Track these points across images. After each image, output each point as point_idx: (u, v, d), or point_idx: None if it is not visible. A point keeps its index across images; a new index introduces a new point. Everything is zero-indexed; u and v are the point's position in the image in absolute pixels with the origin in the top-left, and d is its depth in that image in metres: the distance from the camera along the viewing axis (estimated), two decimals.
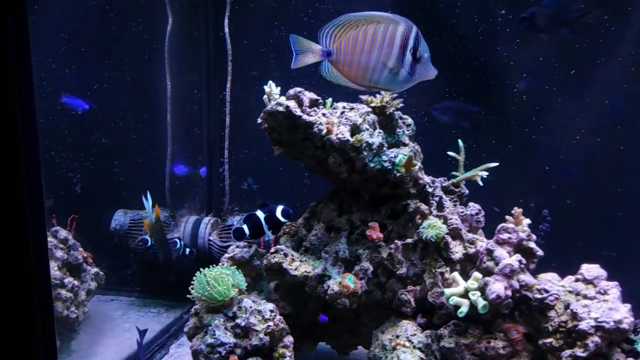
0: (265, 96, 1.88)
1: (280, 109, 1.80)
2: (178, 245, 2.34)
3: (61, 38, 2.57)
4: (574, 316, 1.61)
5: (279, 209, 1.85)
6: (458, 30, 2.34)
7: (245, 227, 1.86)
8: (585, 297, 1.67)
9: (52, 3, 2.52)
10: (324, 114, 1.83)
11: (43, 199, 0.86)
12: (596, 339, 1.57)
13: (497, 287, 1.65)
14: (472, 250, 1.82)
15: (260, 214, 1.86)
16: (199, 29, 2.53)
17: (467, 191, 1.98)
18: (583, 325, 1.58)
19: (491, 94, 2.35)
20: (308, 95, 1.89)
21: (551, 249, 2.33)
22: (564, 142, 2.30)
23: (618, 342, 1.62)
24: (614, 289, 1.66)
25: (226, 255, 2.03)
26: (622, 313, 1.59)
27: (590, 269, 1.72)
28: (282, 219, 1.86)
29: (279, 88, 1.87)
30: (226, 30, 2.47)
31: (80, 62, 2.58)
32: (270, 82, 1.86)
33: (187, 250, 2.38)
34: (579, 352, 1.58)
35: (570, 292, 1.70)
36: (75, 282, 2.19)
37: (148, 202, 2.13)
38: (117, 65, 2.56)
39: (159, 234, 2.23)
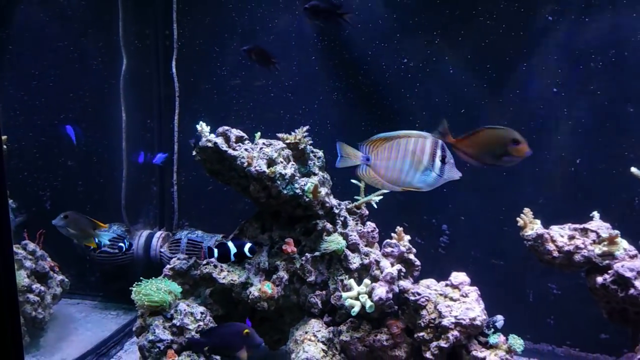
0: (197, 133, 2.20)
1: (210, 144, 2.14)
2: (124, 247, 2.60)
3: (32, 74, 2.89)
4: (440, 314, 1.97)
5: (247, 246, 2.09)
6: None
7: (216, 250, 2.10)
8: (451, 299, 2.03)
9: (29, 46, 2.86)
10: (246, 149, 2.17)
11: (8, 216, 1.16)
12: (456, 332, 1.93)
13: (380, 291, 2.01)
14: (366, 261, 2.18)
15: (231, 246, 2.10)
16: (150, 68, 2.86)
17: (367, 212, 2.34)
18: (445, 322, 1.94)
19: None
20: (234, 133, 2.22)
21: (450, 257, 2.71)
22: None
23: (475, 335, 1.99)
24: (473, 293, 2.03)
25: (168, 266, 2.35)
26: (476, 312, 1.95)
27: (457, 276, 2.09)
28: (248, 254, 2.10)
29: (209, 127, 2.19)
30: (174, 70, 2.81)
31: (48, 94, 2.90)
32: (201, 122, 2.18)
33: (126, 243, 2.63)
34: (443, 343, 1.94)
35: (440, 294, 2.07)
36: (42, 288, 2.50)
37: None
38: (80, 98, 2.88)
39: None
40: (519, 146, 1.49)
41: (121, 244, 2.58)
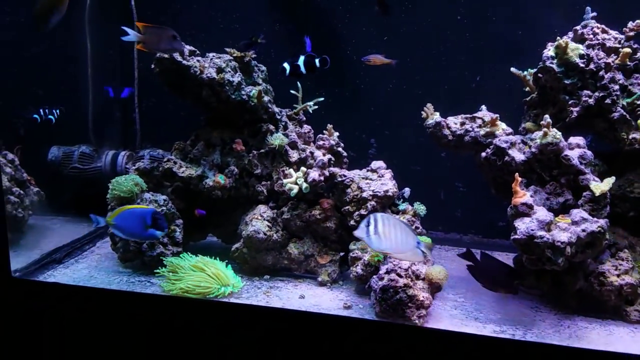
0: None
1: (166, 56, 2.38)
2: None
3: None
4: (361, 190, 2.31)
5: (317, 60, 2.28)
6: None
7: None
8: (370, 179, 2.37)
9: None
10: (198, 60, 2.42)
11: None
12: (373, 202, 2.27)
13: (314, 174, 2.33)
14: (304, 155, 2.47)
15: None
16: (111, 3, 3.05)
17: (304, 117, 2.64)
18: (364, 194, 2.27)
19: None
20: (188, 47, 2.46)
21: None
22: (380, 90, 2.98)
23: (389, 205, 2.34)
24: (388, 174, 2.37)
25: (132, 167, 2.59)
26: (389, 186, 2.29)
27: (376, 163, 2.42)
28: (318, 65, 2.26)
29: None
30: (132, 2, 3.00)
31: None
32: None
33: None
34: (363, 211, 2.27)
35: (363, 178, 2.39)
36: (22, 192, 2.69)
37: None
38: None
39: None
40: None
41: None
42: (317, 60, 2.28)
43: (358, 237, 1.80)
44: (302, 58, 2.26)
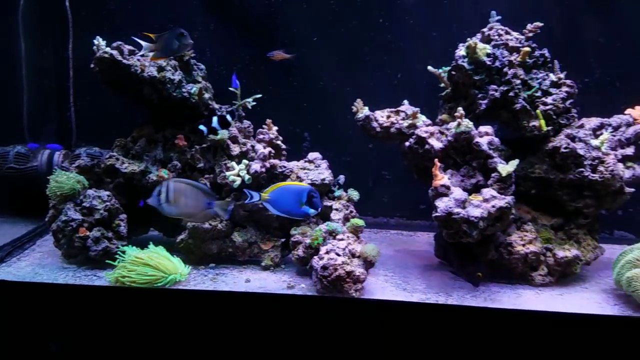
0: (94, 47, 2.45)
1: (106, 55, 2.41)
2: None
3: None
4: (300, 179, 2.47)
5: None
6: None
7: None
8: (308, 169, 2.53)
9: None
10: (138, 59, 2.47)
11: None
12: None
13: (256, 166, 2.45)
14: (244, 149, 2.59)
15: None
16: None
17: (243, 113, 2.75)
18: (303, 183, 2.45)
19: None
20: (127, 47, 2.50)
21: None
22: (312, 88, 3.16)
23: (326, 193, 2.52)
24: (324, 164, 2.55)
25: (73, 165, 2.58)
26: (325, 175, 2.46)
27: (313, 154, 2.59)
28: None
29: (104, 42, 2.45)
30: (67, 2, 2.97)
31: None
32: (97, 37, 2.42)
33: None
34: None
35: (301, 168, 2.54)
36: None
37: None
38: None
39: None
40: None
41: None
42: (228, 117, 2.40)
43: (152, 205, 2.00)
44: (215, 119, 2.37)
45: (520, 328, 2.00)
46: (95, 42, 2.42)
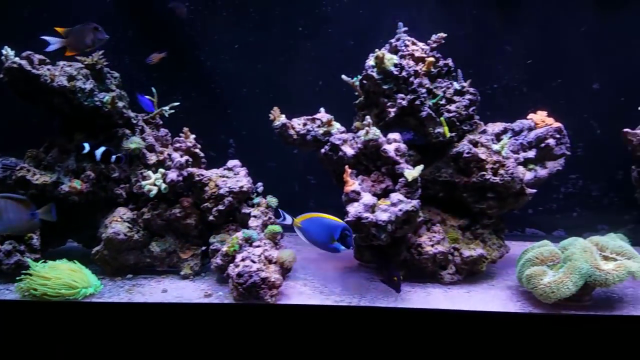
0: (3, 57, 2.35)
1: (15, 65, 2.32)
2: None
3: None
4: (218, 187, 2.47)
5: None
6: None
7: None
8: (227, 177, 2.53)
9: None
10: (48, 69, 2.40)
11: None
12: (230, 198, 2.44)
13: (172, 175, 2.43)
14: (161, 157, 2.57)
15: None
16: None
17: (160, 121, 2.72)
18: (222, 191, 2.43)
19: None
20: (37, 56, 2.42)
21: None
22: (236, 94, 3.17)
23: (245, 200, 2.53)
24: (243, 171, 2.56)
25: None
26: (243, 182, 2.48)
27: (232, 162, 2.59)
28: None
29: (13, 52, 2.36)
30: None
31: None
32: (5, 47, 2.34)
33: None
34: (221, 207, 2.43)
35: (220, 176, 2.54)
36: None
37: None
38: None
39: None
40: None
41: None
42: (113, 157, 2.37)
43: None
44: (101, 149, 2.35)
45: (428, 326, 2.09)
46: (4, 52, 2.33)
